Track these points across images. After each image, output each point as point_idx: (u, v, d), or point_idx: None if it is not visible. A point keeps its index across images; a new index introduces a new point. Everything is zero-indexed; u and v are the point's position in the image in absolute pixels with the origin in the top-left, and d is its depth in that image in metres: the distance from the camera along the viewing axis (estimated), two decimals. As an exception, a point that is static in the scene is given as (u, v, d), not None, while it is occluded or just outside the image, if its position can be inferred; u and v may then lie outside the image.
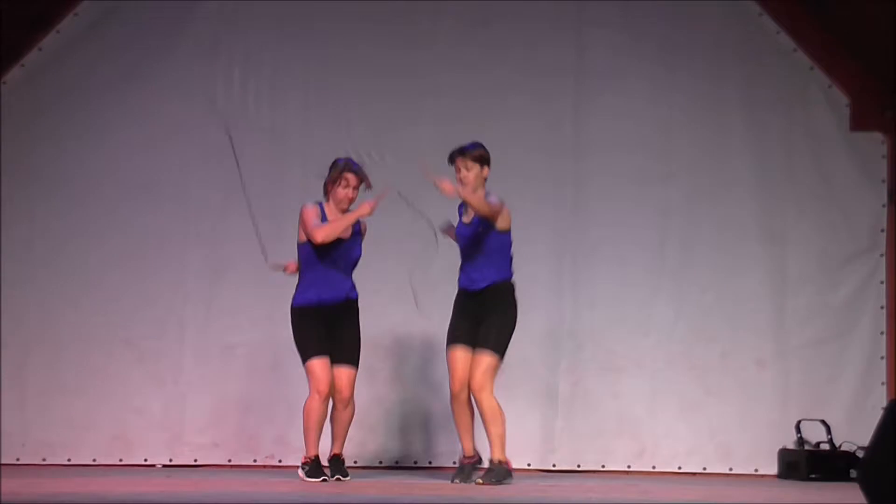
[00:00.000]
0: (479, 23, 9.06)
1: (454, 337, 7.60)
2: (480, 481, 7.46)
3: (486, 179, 7.63)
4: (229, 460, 8.74)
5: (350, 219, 7.63)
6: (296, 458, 8.53)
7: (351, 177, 7.67)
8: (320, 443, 7.67)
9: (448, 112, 8.98)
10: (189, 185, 8.93)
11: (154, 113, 8.95)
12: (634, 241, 8.99)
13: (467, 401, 7.58)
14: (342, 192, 7.67)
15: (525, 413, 8.76)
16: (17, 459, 8.64)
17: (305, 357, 7.66)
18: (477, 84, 9.02)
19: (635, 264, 8.98)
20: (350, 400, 7.70)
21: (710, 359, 8.93)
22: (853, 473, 8.07)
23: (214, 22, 9.02)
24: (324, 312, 7.64)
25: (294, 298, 7.70)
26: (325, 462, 7.76)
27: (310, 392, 7.63)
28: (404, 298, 8.45)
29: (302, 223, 7.66)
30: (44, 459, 8.68)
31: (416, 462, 8.82)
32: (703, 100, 9.06)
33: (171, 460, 8.73)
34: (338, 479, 7.67)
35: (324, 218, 7.69)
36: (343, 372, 7.67)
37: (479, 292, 7.57)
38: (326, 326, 7.65)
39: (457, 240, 7.74)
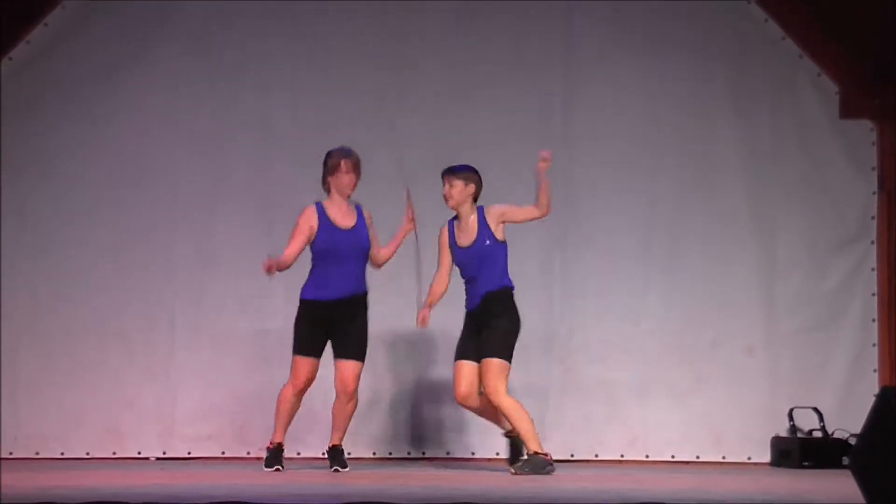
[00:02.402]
0: (468, 15, 9.05)
1: (460, 353, 7.72)
2: (514, 470, 7.55)
3: (474, 197, 7.75)
4: (223, 452, 8.74)
5: (400, 239, 7.89)
6: (290, 450, 8.55)
7: (348, 161, 7.71)
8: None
9: (437, 105, 8.99)
10: (178, 177, 8.91)
11: (142, 105, 8.94)
12: (624, 231, 9.00)
13: (476, 403, 7.72)
14: (346, 178, 7.70)
15: (517, 402, 8.77)
16: (10, 453, 8.62)
17: (294, 350, 7.78)
18: (466, 76, 9.01)
19: (625, 253, 8.99)
20: (354, 394, 7.77)
21: (701, 347, 8.95)
22: (846, 461, 8.09)
23: (203, 13, 8.99)
24: (329, 308, 7.71)
25: (302, 290, 7.78)
26: (323, 451, 7.81)
27: (288, 380, 7.80)
28: (399, 290, 8.45)
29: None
30: (37, 453, 8.67)
31: (409, 453, 8.82)
32: (692, 89, 9.06)
33: (164, 453, 8.73)
34: (336, 471, 7.69)
35: (325, 217, 7.72)
36: (348, 366, 7.73)
37: (478, 306, 7.68)
38: (330, 322, 7.71)
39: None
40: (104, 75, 8.93)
